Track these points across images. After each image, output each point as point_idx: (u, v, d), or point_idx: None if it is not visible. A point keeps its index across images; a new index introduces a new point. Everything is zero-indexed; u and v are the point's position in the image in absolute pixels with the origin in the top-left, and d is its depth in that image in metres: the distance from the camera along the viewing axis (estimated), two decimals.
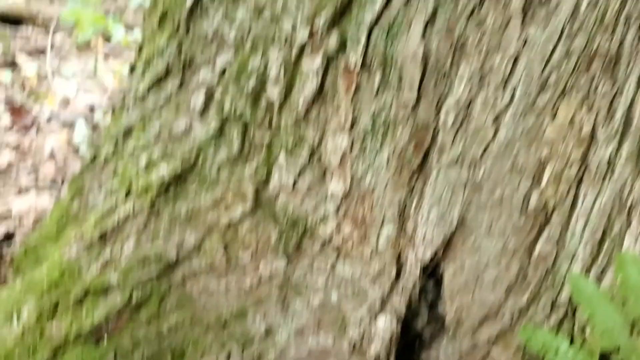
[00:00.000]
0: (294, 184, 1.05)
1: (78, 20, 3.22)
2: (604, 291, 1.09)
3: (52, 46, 2.92)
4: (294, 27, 0.99)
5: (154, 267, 1.12)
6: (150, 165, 1.11)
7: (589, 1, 0.96)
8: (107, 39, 3.24)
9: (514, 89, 0.99)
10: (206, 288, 1.14)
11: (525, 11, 0.94)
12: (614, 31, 1.02)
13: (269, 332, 1.15)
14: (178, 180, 1.09)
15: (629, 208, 1.12)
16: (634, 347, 1.01)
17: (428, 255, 1.09)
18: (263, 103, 1.03)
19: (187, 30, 1.08)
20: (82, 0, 3.69)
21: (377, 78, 0.98)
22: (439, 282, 1.14)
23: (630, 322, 1.03)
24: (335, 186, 1.05)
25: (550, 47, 0.98)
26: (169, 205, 1.10)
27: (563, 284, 1.11)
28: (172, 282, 1.13)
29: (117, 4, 3.86)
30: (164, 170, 1.09)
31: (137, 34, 3.25)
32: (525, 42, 0.96)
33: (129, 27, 3.39)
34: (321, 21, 0.97)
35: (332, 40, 0.97)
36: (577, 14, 0.97)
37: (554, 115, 1.04)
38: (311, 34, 0.98)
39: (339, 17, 0.97)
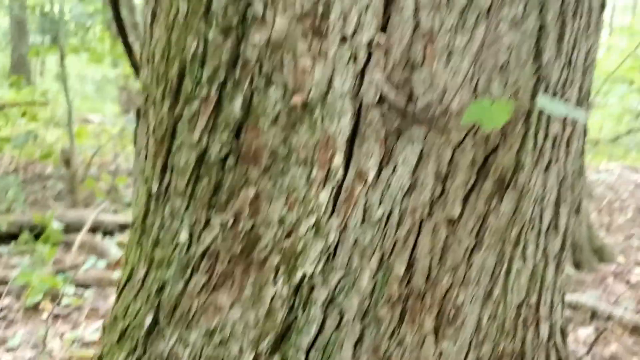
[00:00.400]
0: None
1: (28, 282, 3.29)
2: None
3: None
4: (240, 350, 1.12)
5: None
6: None
7: (489, 316, 1.15)
8: (57, 298, 3.29)
9: None
10: None
11: (436, 330, 1.11)
12: (514, 335, 1.20)
13: None
14: None
15: None
16: None
17: None
18: None
19: (145, 350, 1.19)
20: (34, 261, 3.81)
21: None
22: None
23: None
24: None
25: (462, 357, 1.14)
26: None
27: None
28: None
29: (70, 261, 3.99)
30: None
31: (87, 294, 3.33)
32: (441, 354, 1.12)
33: (80, 286, 3.48)
34: (264, 346, 1.11)
35: None
36: (480, 327, 1.15)
37: None
38: (256, 357, 1.11)
39: (280, 341, 1.10)
